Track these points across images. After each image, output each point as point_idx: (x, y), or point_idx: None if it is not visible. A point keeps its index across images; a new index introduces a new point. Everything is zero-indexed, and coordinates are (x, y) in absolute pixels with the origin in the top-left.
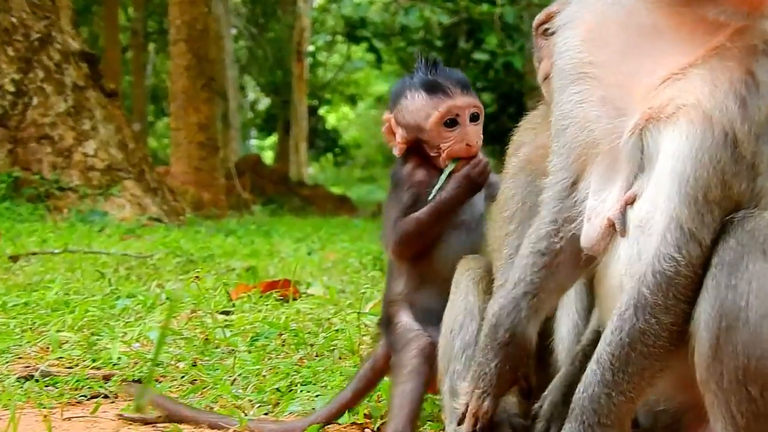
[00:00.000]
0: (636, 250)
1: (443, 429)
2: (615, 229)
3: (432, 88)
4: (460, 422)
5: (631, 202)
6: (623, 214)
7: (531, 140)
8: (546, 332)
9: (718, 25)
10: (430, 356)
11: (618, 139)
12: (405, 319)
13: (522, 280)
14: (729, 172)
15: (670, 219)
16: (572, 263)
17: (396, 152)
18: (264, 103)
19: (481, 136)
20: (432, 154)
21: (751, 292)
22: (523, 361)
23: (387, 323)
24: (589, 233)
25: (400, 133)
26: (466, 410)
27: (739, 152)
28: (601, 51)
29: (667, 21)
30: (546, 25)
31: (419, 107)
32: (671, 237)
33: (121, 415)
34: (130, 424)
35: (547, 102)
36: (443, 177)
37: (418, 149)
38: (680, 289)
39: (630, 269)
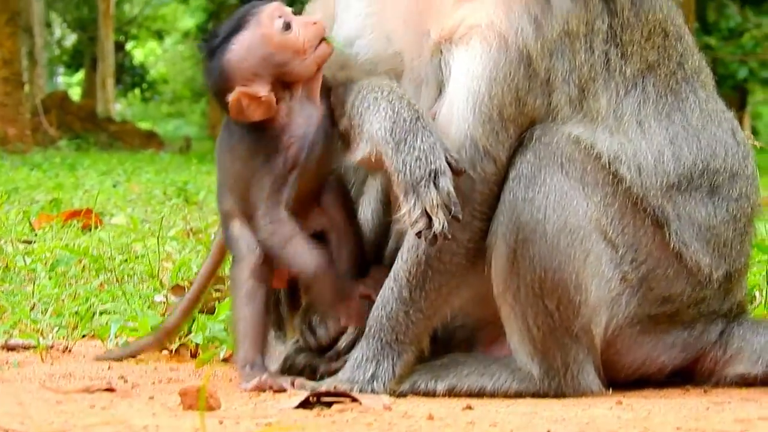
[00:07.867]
0: None
1: None
2: None
3: (239, 24)
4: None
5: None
6: None
7: None
8: None
9: None
10: (262, 275)
11: (419, 57)
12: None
13: None
14: (523, 89)
15: (465, 137)
16: None
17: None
18: (71, 39)
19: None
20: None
21: (549, 205)
22: None
23: None
24: None
25: (262, 90)
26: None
27: (533, 69)
28: None
29: None
30: None
31: (252, 45)
32: (466, 155)
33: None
34: None
35: None
36: None
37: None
38: (476, 206)
39: None
